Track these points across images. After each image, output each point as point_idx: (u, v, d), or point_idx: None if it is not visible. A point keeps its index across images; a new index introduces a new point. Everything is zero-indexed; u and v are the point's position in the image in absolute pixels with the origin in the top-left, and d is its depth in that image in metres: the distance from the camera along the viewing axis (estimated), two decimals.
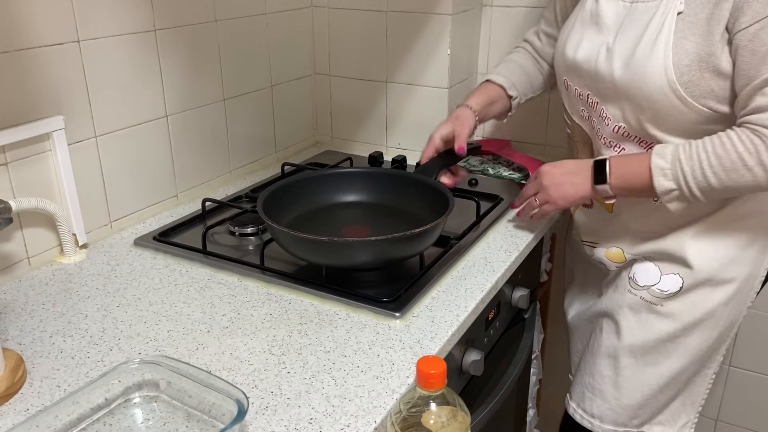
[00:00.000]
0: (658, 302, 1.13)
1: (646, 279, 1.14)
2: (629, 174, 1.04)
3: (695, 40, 0.97)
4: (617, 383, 1.18)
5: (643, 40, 1.01)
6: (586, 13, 1.12)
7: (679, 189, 0.99)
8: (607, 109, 1.09)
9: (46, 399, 0.80)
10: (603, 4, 1.09)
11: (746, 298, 1.13)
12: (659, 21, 1.00)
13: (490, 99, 1.30)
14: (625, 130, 1.08)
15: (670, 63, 0.98)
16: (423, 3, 1.50)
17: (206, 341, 0.91)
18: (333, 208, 1.23)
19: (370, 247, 0.99)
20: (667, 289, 1.12)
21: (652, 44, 1.00)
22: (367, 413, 0.77)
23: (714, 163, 0.96)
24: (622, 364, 1.17)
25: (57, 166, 1.09)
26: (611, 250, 1.19)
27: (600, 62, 1.07)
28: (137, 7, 1.18)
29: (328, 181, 1.24)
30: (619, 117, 1.08)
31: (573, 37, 1.13)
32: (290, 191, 1.18)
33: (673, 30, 0.98)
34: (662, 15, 0.99)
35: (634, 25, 1.03)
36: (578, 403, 1.25)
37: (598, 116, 1.12)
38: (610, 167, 1.05)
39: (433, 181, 1.19)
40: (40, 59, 1.04)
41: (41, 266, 1.10)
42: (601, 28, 1.09)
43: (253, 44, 1.47)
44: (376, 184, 1.24)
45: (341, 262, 1.04)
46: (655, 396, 1.17)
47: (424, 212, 1.13)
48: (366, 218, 1.21)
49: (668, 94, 0.99)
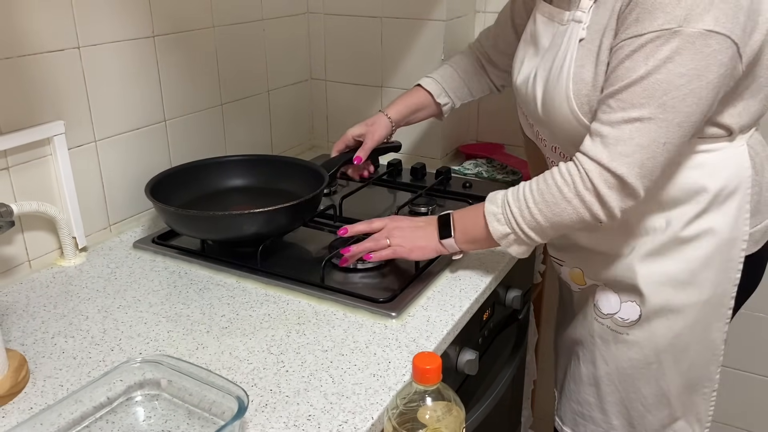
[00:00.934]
0: (623, 331, 1.08)
1: (608, 307, 1.10)
2: (470, 225, 1.02)
3: (591, 69, 0.93)
4: (604, 409, 1.16)
5: (554, 67, 0.98)
6: (527, 34, 1.09)
7: (513, 232, 0.98)
8: (543, 132, 1.08)
9: (49, 398, 0.81)
10: (539, 26, 1.05)
11: (718, 318, 1.06)
12: (565, 47, 0.96)
13: (416, 107, 1.33)
14: (561, 151, 1.06)
15: (570, 93, 0.94)
16: (417, 9, 1.52)
17: (206, 341, 0.93)
18: (221, 193, 1.32)
19: (249, 219, 1.08)
20: (628, 317, 1.07)
21: (558, 73, 0.97)
22: (364, 410, 0.79)
23: (538, 199, 0.95)
24: (604, 391, 1.14)
25: (57, 170, 1.11)
26: (574, 271, 1.16)
27: (529, 87, 1.05)
28: (136, 14, 1.20)
29: (215, 169, 1.33)
30: (551, 139, 1.07)
31: (517, 60, 1.11)
32: (178, 178, 1.26)
33: (574, 58, 0.94)
34: (568, 41, 0.96)
35: (551, 51, 1.00)
36: (573, 428, 1.22)
37: (537, 138, 1.12)
38: (453, 221, 1.03)
39: (310, 163, 1.30)
40: (41, 65, 1.06)
41: (42, 269, 1.12)
42: (538, 49, 1.05)
43: (250, 50, 1.49)
44: (259, 169, 1.34)
45: (228, 234, 1.12)
46: (644, 416, 1.13)
47: (304, 190, 1.20)
48: (251, 200, 1.27)
49: (573, 123, 0.96)
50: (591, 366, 1.15)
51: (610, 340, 1.10)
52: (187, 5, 1.30)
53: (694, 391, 1.11)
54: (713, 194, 0.98)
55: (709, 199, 0.98)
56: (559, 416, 1.27)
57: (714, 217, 0.99)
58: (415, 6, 1.52)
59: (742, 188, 0.99)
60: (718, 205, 0.98)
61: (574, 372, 1.20)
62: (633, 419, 1.14)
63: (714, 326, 1.06)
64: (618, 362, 1.10)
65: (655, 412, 1.12)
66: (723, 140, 0.97)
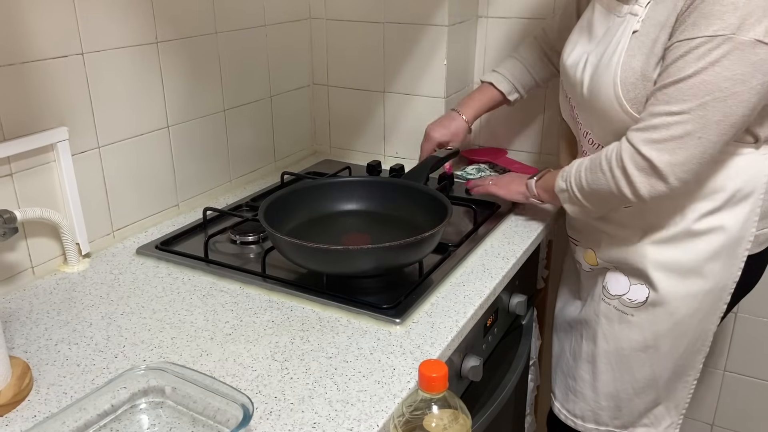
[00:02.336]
0: (628, 312, 1.16)
1: (617, 288, 1.17)
2: (549, 177, 1.18)
3: (642, 59, 1.00)
4: (595, 387, 1.23)
5: (606, 54, 1.05)
6: (584, 21, 1.16)
7: (568, 189, 1.10)
8: (580, 115, 1.15)
9: (53, 406, 0.81)
10: (596, 15, 1.12)
11: (715, 310, 1.14)
12: (619, 37, 1.04)
13: (489, 106, 1.42)
14: (591, 137, 1.14)
15: (618, 80, 1.02)
16: (420, 15, 1.52)
17: (210, 348, 0.92)
18: (333, 217, 1.24)
19: (369, 255, 1.01)
20: (635, 298, 1.15)
21: (608, 60, 1.04)
22: (369, 417, 0.79)
23: (587, 165, 1.07)
24: (599, 369, 1.22)
25: (61, 177, 1.11)
26: (587, 251, 1.24)
27: (578, 71, 1.11)
28: (139, 20, 1.20)
29: (328, 190, 1.26)
30: (587, 124, 1.14)
31: (570, 42, 1.18)
32: (290, 200, 1.20)
33: (626, 48, 1.02)
34: (623, 32, 1.03)
35: (605, 39, 1.07)
36: (562, 404, 1.32)
37: (574, 120, 1.19)
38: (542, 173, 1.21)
39: (431, 190, 1.21)
40: (45, 71, 1.06)
41: (45, 275, 1.12)
42: (591, 38, 1.12)
43: (252, 56, 1.50)
44: (374, 192, 1.26)
45: (341, 269, 1.05)
46: (631, 400, 1.21)
47: (423, 220, 1.15)
48: (365, 226, 1.23)
49: (616, 108, 1.04)
50: (591, 344, 1.22)
51: (615, 319, 1.18)
52: (190, 11, 1.31)
53: (678, 378, 1.19)
54: (730, 194, 1.05)
55: (725, 198, 1.06)
56: (553, 391, 1.36)
57: (726, 216, 1.07)
58: (417, 11, 1.52)
59: (757, 192, 1.06)
60: (732, 205, 1.06)
61: (574, 348, 1.28)
62: (621, 401, 1.21)
63: (710, 318, 1.14)
64: (618, 342, 1.18)
65: (642, 396, 1.20)
66: (749, 146, 1.05)
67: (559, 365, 1.35)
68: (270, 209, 1.12)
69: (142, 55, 1.22)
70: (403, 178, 1.27)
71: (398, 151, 1.67)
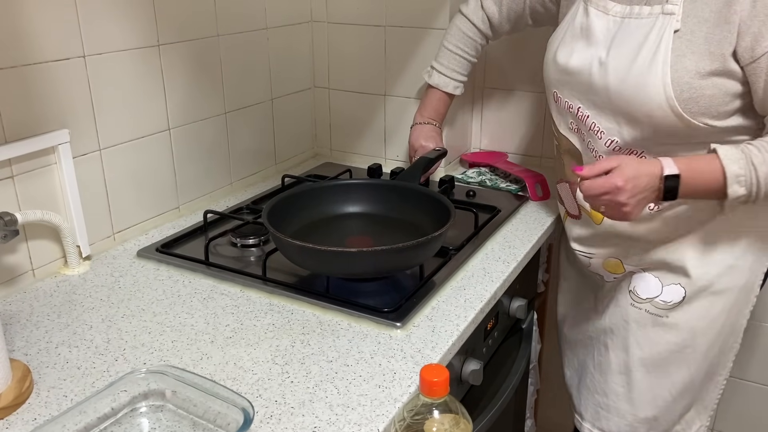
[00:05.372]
0: (663, 314, 1.13)
1: (647, 291, 1.15)
2: (701, 187, 0.98)
3: (693, 58, 0.98)
4: (631, 399, 1.19)
5: (641, 55, 1.02)
6: (575, 27, 1.13)
7: (748, 194, 0.97)
8: (600, 123, 1.10)
9: (53, 409, 0.81)
10: (593, 19, 1.10)
11: (746, 303, 1.15)
12: (656, 38, 1.01)
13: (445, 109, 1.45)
14: (618, 144, 1.09)
15: (668, 80, 0.99)
16: (421, 18, 1.52)
17: (210, 351, 0.92)
18: (335, 219, 1.24)
19: (373, 257, 1.01)
20: (670, 300, 1.13)
21: (650, 61, 1.00)
22: (370, 422, 0.78)
23: (760, 157, 0.95)
24: (634, 378, 1.17)
25: (62, 179, 1.11)
26: (609, 261, 1.20)
27: (594, 75, 1.07)
28: (141, 23, 1.20)
29: (331, 193, 1.26)
30: (614, 131, 1.08)
31: (564, 45, 1.14)
32: (293, 202, 1.20)
33: (671, 48, 0.99)
34: (659, 32, 1.01)
35: (627, 41, 1.04)
36: (593, 423, 1.24)
37: (589, 130, 1.12)
38: (681, 185, 0.98)
39: (434, 192, 1.21)
40: (46, 74, 1.06)
41: (45, 278, 1.12)
42: (591, 42, 1.09)
43: (253, 58, 1.50)
44: (377, 195, 1.26)
45: (345, 271, 1.05)
46: (669, 407, 1.18)
47: (426, 223, 1.15)
48: (368, 229, 1.23)
49: (666, 110, 1.00)
50: (622, 353, 1.18)
51: (648, 323, 1.14)
52: (192, 14, 1.31)
53: (710, 378, 1.17)
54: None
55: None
56: (579, 412, 1.28)
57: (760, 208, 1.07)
58: (418, 15, 1.52)
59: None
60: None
61: (600, 363, 1.22)
62: (659, 409, 1.17)
63: (743, 312, 1.14)
64: (654, 346, 1.14)
65: (679, 400, 1.17)
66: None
67: (583, 383, 1.28)
68: (273, 211, 1.12)
69: (144, 58, 1.22)
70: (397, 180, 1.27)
71: (399, 154, 1.67)
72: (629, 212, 0.98)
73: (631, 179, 0.96)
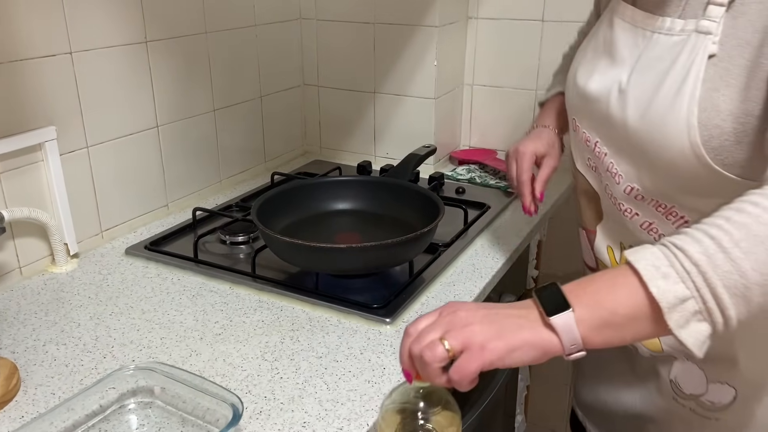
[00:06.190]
0: (711, 415, 0.91)
1: (691, 387, 0.92)
2: (605, 292, 0.62)
3: (729, 93, 0.72)
4: None
5: (665, 85, 0.77)
6: (599, 41, 0.90)
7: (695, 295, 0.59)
8: (618, 164, 0.86)
9: (40, 406, 0.80)
10: (618, 32, 0.86)
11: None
12: (685, 64, 0.76)
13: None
14: (639, 192, 0.84)
15: (694, 121, 0.74)
16: (410, 15, 1.53)
17: (199, 348, 0.92)
18: (324, 216, 1.24)
19: (363, 254, 1.01)
20: (717, 401, 0.90)
21: (674, 93, 0.76)
22: (359, 416, 0.79)
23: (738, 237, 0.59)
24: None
25: (49, 176, 1.10)
26: None
27: (612, 103, 0.84)
28: (129, 19, 1.20)
29: (320, 189, 1.26)
30: (632, 175, 0.84)
31: (585, 64, 0.93)
32: (283, 199, 1.20)
33: (701, 78, 0.74)
34: (689, 56, 0.76)
35: (653, 64, 0.80)
36: None
37: (606, 170, 0.89)
38: (566, 291, 0.63)
39: (423, 189, 1.21)
40: (33, 70, 1.05)
41: (33, 276, 1.11)
42: (615, 60, 0.86)
43: (242, 55, 1.49)
44: (366, 191, 1.26)
45: (334, 267, 1.05)
46: None
47: (415, 219, 1.15)
48: (358, 225, 1.23)
49: (690, 159, 0.75)
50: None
51: (695, 424, 0.93)
52: (180, 11, 1.30)
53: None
54: None
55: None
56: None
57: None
58: (407, 12, 1.53)
59: None
60: None
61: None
62: None
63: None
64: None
65: None
66: None
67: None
68: (263, 208, 1.12)
69: (132, 55, 1.22)
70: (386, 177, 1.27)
71: (389, 151, 1.67)
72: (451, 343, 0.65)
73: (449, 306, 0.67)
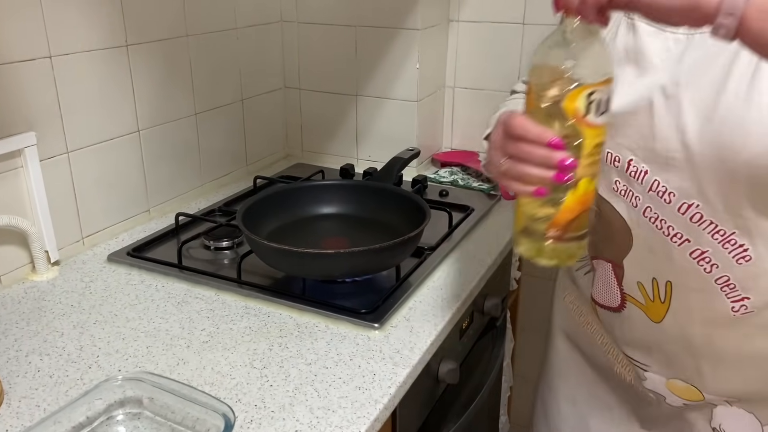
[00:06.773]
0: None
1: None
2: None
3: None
4: None
5: (732, 80, 0.72)
6: (618, 50, 0.82)
7: None
8: (668, 181, 0.78)
9: (25, 419, 0.79)
10: (645, 38, 0.79)
11: None
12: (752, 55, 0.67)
13: None
14: (698, 211, 0.77)
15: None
16: (392, 18, 1.53)
17: (186, 356, 0.91)
18: (310, 221, 1.24)
19: (350, 259, 1.01)
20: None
21: (747, 85, 0.71)
22: (351, 423, 0.78)
23: None
24: None
25: (29, 183, 1.08)
26: (676, 384, 0.87)
27: (657, 113, 0.77)
28: (109, 23, 1.18)
29: (305, 194, 1.25)
30: (691, 190, 0.76)
31: None
32: (267, 204, 1.19)
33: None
34: None
35: (705, 63, 0.74)
36: None
37: (647, 190, 0.80)
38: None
39: (409, 193, 1.22)
40: (11, 75, 1.03)
41: (12, 284, 1.09)
42: (646, 68, 0.79)
43: (223, 59, 1.48)
44: (352, 195, 1.26)
45: (322, 273, 1.05)
46: None
47: (400, 223, 1.15)
48: (344, 230, 1.23)
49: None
50: None
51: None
52: (161, 14, 1.29)
53: None
54: None
55: None
56: None
57: None
58: (389, 15, 1.53)
59: None
60: None
61: None
62: None
63: None
64: None
65: None
66: None
67: None
68: (248, 214, 1.11)
69: (112, 58, 1.20)
70: (371, 181, 1.27)
71: (371, 154, 1.67)
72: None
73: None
